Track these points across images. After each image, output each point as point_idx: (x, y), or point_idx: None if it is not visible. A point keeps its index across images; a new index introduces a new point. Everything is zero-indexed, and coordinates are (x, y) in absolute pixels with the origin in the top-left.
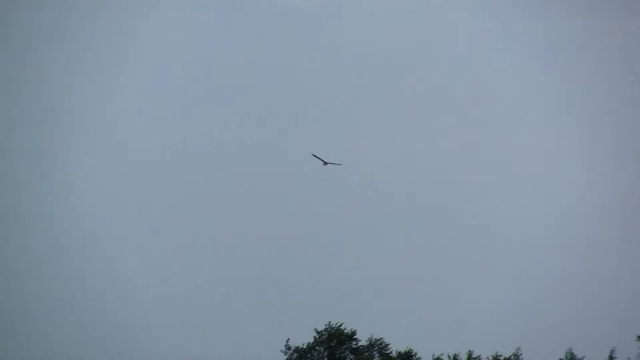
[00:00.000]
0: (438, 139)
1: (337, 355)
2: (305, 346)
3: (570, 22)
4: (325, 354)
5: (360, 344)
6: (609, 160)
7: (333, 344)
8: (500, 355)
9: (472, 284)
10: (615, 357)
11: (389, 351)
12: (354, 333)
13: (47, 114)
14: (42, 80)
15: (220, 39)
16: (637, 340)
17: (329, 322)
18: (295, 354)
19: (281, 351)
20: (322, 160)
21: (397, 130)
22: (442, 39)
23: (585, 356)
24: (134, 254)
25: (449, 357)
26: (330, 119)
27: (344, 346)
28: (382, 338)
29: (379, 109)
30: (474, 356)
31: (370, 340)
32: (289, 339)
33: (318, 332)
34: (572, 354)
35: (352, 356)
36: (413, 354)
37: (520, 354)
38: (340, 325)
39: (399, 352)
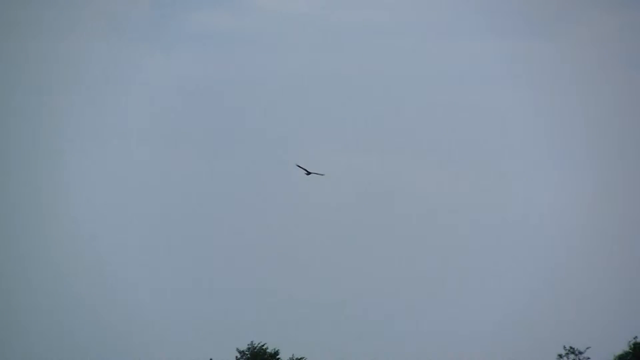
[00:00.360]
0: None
1: None
2: None
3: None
4: None
5: None
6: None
7: None
8: None
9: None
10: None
11: None
12: (277, 353)
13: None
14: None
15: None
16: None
17: (252, 341)
18: None
19: None
20: (305, 170)
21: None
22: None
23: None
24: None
25: None
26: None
27: None
28: (303, 357)
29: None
30: None
31: (291, 359)
32: (211, 358)
33: (240, 352)
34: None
35: None
36: None
37: None
38: (263, 345)
39: None
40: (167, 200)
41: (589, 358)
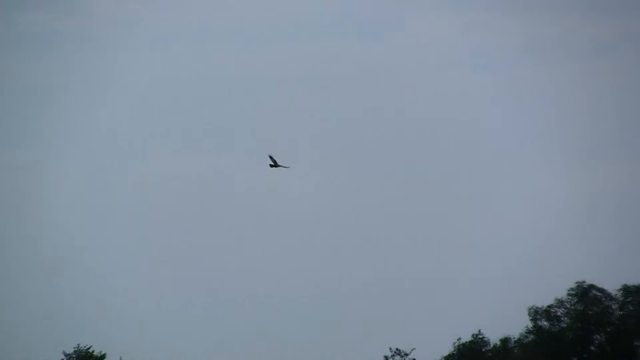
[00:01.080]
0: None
1: None
2: None
3: None
4: None
5: None
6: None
7: None
8: None
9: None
10: None
11: None
12: (103, 356)
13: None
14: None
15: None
16: None
17: (78, 344)
18: None
19: None
20: (274, 161)
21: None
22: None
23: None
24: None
25: None
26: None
27: None
28: None
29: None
30: None
31: None
32: None
33: (66, 355)
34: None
35: None
36: None
37: None
38: (89, 348)
39: None
40: None
41: (414, 359)
